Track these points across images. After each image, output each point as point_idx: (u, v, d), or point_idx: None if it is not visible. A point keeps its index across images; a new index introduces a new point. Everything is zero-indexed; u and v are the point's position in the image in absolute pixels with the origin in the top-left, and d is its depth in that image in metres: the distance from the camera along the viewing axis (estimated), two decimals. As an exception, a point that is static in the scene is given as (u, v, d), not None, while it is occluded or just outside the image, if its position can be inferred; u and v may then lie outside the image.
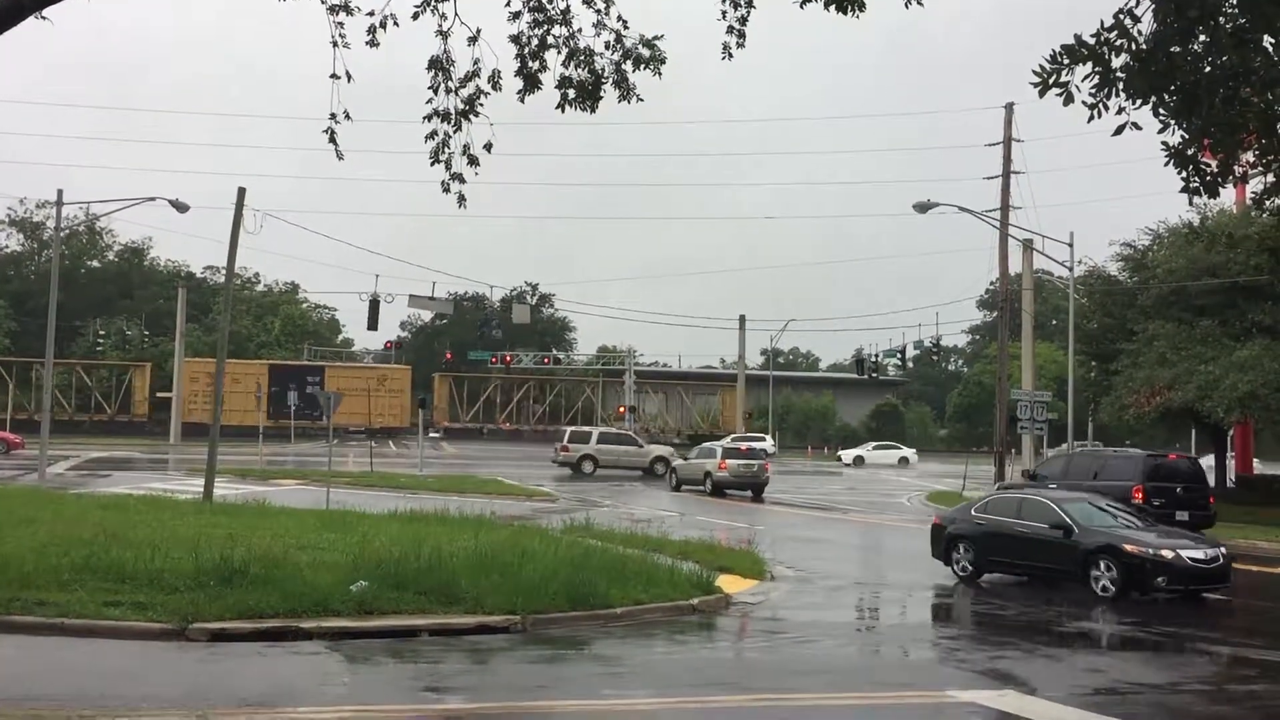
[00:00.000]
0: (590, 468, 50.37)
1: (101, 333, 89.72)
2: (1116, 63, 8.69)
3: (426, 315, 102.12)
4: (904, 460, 71.49)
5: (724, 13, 10.76)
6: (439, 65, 10.96)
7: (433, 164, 11.09)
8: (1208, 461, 39.29)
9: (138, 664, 10.99)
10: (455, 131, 11.05)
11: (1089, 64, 8.66)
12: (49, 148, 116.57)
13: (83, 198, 63.13)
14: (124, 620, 12.13)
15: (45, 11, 10.24)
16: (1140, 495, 26.64)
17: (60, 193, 38.49)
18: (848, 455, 72.99)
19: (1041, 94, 8.71)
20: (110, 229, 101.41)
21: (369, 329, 47.93)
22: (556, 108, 11.28)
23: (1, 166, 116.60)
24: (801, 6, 10.17)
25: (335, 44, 10.68)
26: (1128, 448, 36.79)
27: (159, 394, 78.52)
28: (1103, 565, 17.55)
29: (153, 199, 37.96)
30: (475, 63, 10.94)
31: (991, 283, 54.87)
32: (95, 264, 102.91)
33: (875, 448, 75.44)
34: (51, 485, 33.20)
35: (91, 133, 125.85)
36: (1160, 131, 8.99)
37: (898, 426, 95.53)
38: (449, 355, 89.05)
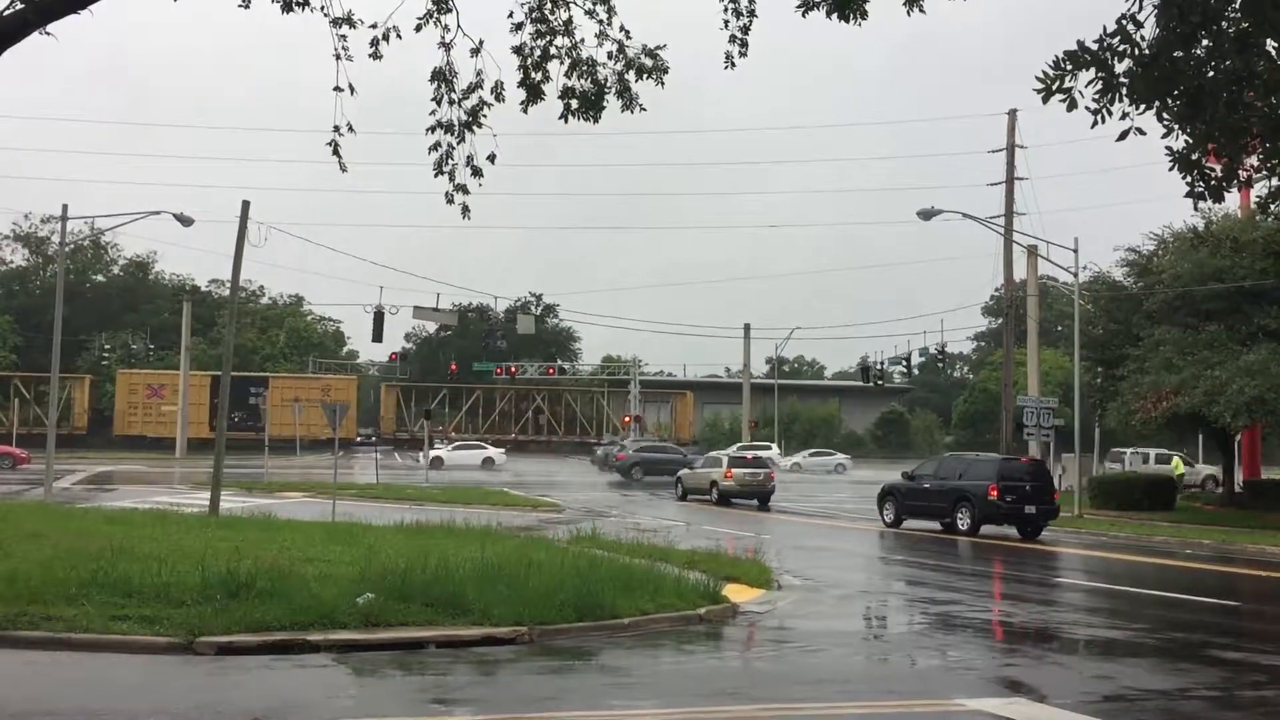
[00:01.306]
0: None
1: (107, 347, 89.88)
2: (1119, 68, 8.69)
3: (431, 327, 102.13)
4: (489, 460, 66.46)
5: (726, 22, 10.80)
6: (442, 77, 10.99)
7: (436, 175, 11.13)
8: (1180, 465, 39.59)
9: (145, 678, 10.98)
10: (459, 143, 11.08)
11: (1092, 70, 8.66)
12: (58, 163, 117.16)
13: (92, 212, 63.40)
14: (131, 634, 12.11)
15: (49, 27, 10.29)
16: (995, 492, 30.05)
17: (65, 207, 38.56)
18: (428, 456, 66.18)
19: (1045, 100, 8.71)
20: (115, 243, 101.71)
21: (374, 341, 48.08)
22: (559, 118, 11.31)
23: (10, 182, 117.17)
24: (804, 15, 10.19)
25: (338, 57, 10.73)
26: (986, 452, 40.82)
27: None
28: None
29: (157, 213, 38.11)
30: (478, 74, 10.98)
31: (996, 289, 54.92)
32: (100, 278, 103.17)
33: (456, 447, 70.00)
34: (57, 499, 33.23)
35: (100, 147, 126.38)
36: (1164, 136, 8.98)
37: (904, 434, 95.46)
38: (454, 366, 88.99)
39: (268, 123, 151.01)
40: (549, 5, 11.01)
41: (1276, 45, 8.79)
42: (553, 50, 11.09)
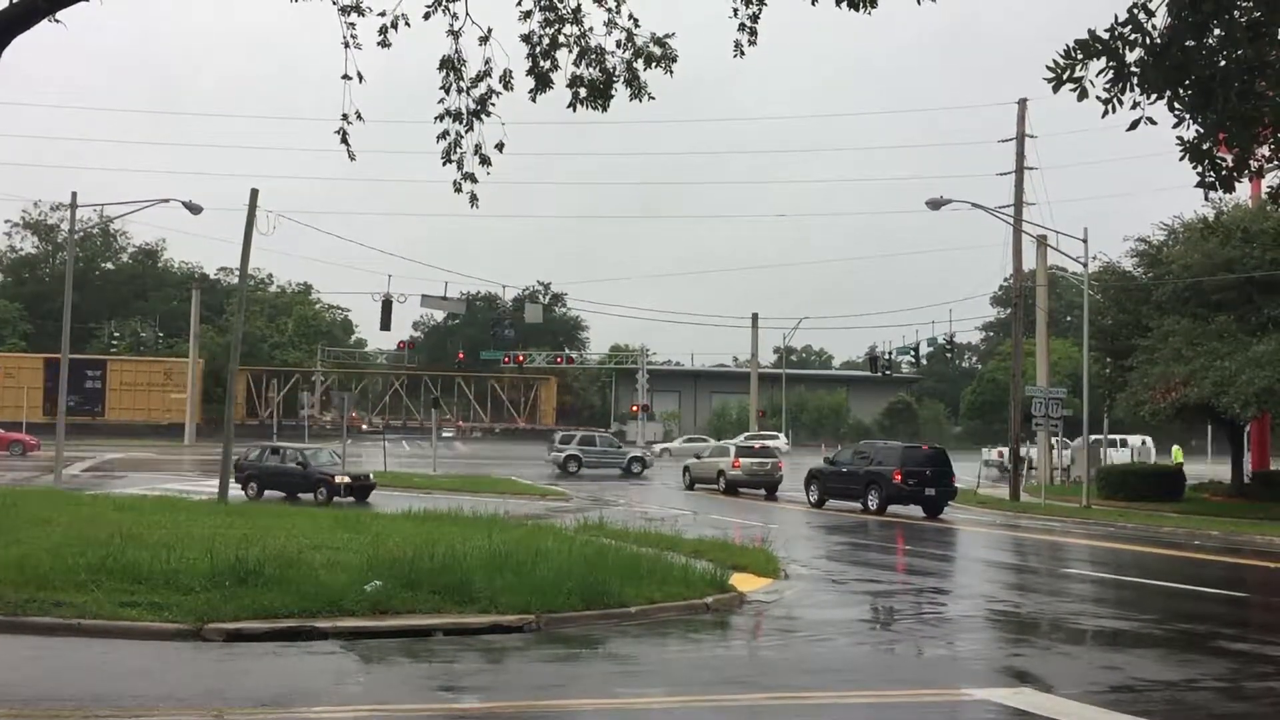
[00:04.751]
0: None
1: (116, 334, 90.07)
2: (1131, 57, 8.63)
3: (440, 315, 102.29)
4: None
5: (735, 10, 10.76)
6: (450, 65, 10.98)
7: (445, 164, 11.12)
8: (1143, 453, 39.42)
9: (154, 664, 11.02)
10: (467, 131, 11.07)
11: (1103, 59, 8.60)
12: (74, 150, 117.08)
13: (104, 200, 63.21)
14: (140, 620, 12.17)
15: (60, 14, 10.30)
16: (899, 476, 33.30)
17: (74, 195, 38.71)
18: None
19: (1055, 89, 8.65)
20: (124, 231, 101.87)
21: (381, 329, 47.90)
22: (568, 106, 11.29)
23: (26, 170, 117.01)
24: (814, 3, 10.16)
25: (347, 45, 10.73)
26: (890, 440, 45.22)
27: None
28: None
29: (166, 201, 38.08)
30: (487, 62, 10.98)
31: (1005, 279, 54.56)
32: (109, 266, 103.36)
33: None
34: (67, 486, 33.35)
35: (117, 135, 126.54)
36: (1175, 126, 8.92)
37: (911, 424, 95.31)
38: (461, 355, 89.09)
39: (282, 111, 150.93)
40: (558, -7, 10.98)
41: (1289, 34, 8.73)
42: (561, 38, 11.07)
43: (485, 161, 11.15)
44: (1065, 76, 8.59)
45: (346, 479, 31.53)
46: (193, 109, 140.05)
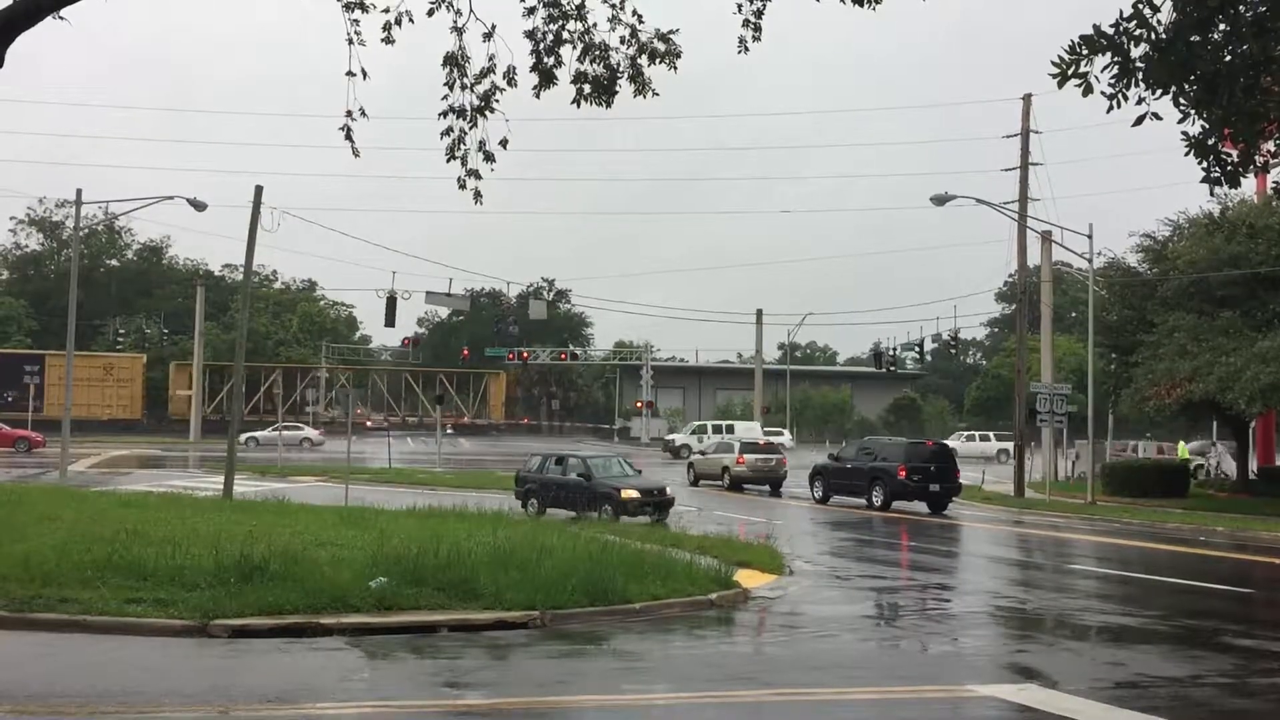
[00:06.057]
0: None
1: (121, 331, 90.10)
2: (1136, 53, 8.62)
3: (444, 312, 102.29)
4: (306, 440, 64.42)
5: (740, 6, 10.75)
6: (454, 61, 10.95)
7: (448, 160, 11.10)
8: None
9: (159, 660, 11.05)
10: (471, 128, 11.04)
11: (1108, 54, 8.59)
12: (81, 148, 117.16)
13: (111, 198, 63.13)
14: (145, 617, 12.21)
15: (63, 12, 10.31)
16: (903, 473, 33.36)
17: (79, 192, 38.72)
18: None
19: (1060, 85, 8.64)
20: (130, 228, 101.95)
21: (386, 326, 47.91)
22: (572, 103, 11.27)
23: (32, 167, 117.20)
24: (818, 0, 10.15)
25: (351, 41, 10.71)
26: (896, 437, 46.20)
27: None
28: None
29: (170, 198, 38.15)
30: (490, 59, 10.94)
31: (1010, 275, 54.65)
32: (114, 263, 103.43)
33: (275, 428, 63.95)
34: (72, 483, 33.42)
35: (119, 134, 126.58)
36: (1180, 121, 8.91)
37: (916, 420, 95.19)
38: (465, 352, 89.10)
39: (287, 109, 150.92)
40: (562, -11, 10.95)
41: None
42: (565, 35, 11.04)
43: (489, 158, 11.13)
44: (1070, 72, 8.58)
45: (635, 494, 27.09)
46: (199, 107, 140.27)
